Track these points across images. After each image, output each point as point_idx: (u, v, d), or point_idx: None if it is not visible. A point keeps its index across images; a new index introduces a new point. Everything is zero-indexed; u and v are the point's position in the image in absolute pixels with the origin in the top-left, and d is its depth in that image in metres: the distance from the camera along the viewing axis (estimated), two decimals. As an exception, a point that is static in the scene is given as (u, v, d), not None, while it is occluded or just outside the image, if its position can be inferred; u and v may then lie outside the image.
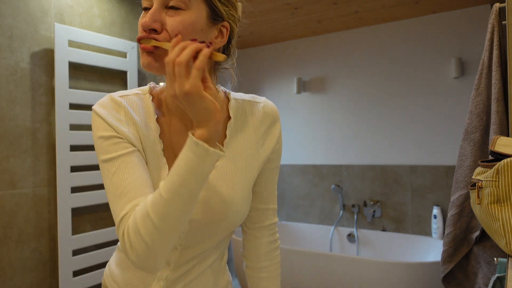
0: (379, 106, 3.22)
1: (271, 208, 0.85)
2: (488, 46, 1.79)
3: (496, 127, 1.70)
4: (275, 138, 0.81)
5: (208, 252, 0.80)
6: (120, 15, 1.98)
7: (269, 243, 0.86)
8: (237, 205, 0.74)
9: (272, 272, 0.86)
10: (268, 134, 0.80)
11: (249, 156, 0.78)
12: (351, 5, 2.72)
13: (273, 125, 0.81)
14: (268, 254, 0.87)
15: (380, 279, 2.44)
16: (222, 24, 0.71)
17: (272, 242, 0.87)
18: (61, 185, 1.67)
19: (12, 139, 1.57)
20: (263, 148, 0.79)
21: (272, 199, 0.84)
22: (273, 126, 0.81)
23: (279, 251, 0.90)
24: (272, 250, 0.87)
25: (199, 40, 0.64)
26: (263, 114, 0.80)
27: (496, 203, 0.93)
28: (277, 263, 0.88)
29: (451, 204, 1.94)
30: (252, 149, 0.78)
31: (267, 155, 0.80)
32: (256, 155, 0.78)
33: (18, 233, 1.58)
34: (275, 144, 0.81)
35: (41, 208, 1.65)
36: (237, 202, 0.74)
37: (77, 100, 1.74)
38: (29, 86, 1.62)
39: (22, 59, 1.60)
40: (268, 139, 0.80)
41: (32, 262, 1.62)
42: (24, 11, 1.61)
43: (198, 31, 0.67)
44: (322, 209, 3.48)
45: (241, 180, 0.76)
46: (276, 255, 0.89)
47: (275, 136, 0.81)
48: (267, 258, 0.86)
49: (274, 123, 0.82)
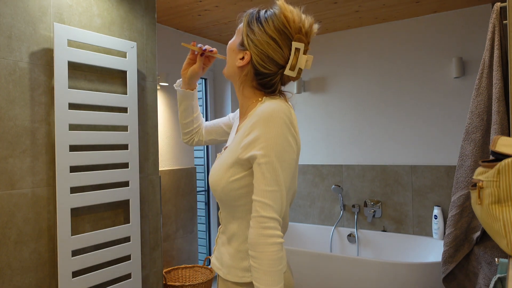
0: (379, 106, 3.21)
1: (257, 200, 0.89)
2: (489, 46, 1.79)
3: (497, 127, 1.69)
4: (247, 132, 0.93)
5: (226, 222, 1.03)
6: (119, 14, 1.97)
7: (259, 235, 0.87)
8: (212, 181, 0.99)
9: (262, 266, 0.86)
10: (246, 130, 0.94)
11: (233, 147, 0.97)
12: (351, 5, 2.71)
13: (251, 121, 0.93)
14: (257, 246, 0.87)
15: (381, 279, 2.43)
16: (246, 52, 0.99)
17: (261, 236, 0.87)
18: (60, 185, 1.66)
19: (11, 139, 1.56)
20: (242, 142, 0.94)
21: (256, 192, 0.90)
22: (250, 123, 0.93)
23: (276, 249, 0.87)
24: (261, 244, 0.87)
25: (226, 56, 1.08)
26: (254, 114, 0.94)
27: (497, 203, 0.93)
28: (265, 259, 0.86)
29: (452, 204, 1.93)
30: (237, 143, 0.97)
31: (241, 146, 0.94)
32: (236, 146, 0.96)
33: (17, 234, 1.57)
34: (243, 138, 0.94)
35: (40, 209, 1.65)
36: (213, 179, 0.99)
37: (76, 100, 1.73)
38: (28, 86, 1.62)
39: (21, 58, 1.60)
40: (245, 134, 0.94)
41: (31, 262, 1.61)
42: (23, 10, 1.60)
43: (232, 50, 1.04)
44: (322, 209, 3.47)
45: (220, 165, 0.98)
46: (269, 251, 0.86)
47: (247, 130, 0.93)
48: (257, 250, 0.87)
49: (253, 120, 0.92)
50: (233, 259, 1.01)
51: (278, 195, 0.89)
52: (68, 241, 1.69)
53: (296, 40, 0.95)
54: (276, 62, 0.97)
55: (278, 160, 0.89)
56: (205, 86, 3.81)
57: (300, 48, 0.95)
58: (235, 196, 0.96)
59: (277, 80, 0.99)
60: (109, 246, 1.89)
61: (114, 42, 1.89)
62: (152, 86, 2.15)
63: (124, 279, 1.94)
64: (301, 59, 0.95)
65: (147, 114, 2.12)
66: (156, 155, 2.17)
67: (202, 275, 2.92)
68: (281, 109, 0.92)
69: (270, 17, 0.97)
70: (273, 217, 0.88)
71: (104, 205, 1.90)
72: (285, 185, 0.91)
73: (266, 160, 0.89)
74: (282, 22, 0.95)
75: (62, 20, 1.73)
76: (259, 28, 0.97)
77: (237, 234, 1.00)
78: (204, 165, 3.79)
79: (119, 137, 1.90)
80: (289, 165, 0.91)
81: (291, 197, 1.03)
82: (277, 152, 0.89)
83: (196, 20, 2.96)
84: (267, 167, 0.88)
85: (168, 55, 3.11)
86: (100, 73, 1.89)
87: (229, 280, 1.01)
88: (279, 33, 0.95)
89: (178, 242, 3.14)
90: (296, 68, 0.96)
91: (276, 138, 0.89)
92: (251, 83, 1.02)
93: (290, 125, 0.92)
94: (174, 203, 3.12)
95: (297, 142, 0.95)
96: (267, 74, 0.98)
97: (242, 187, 0.95)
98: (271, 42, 0.95)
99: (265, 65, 0.97)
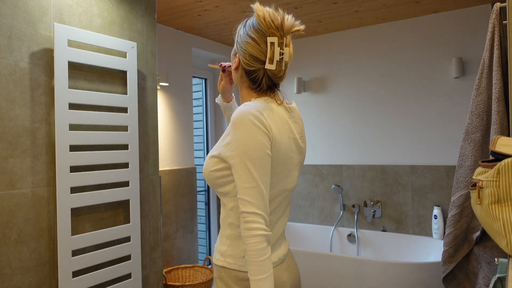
0: (379, 106, 3.21)
1: (238, 197, 0.98)
2: (489, 46, 1.79)
3: (496, 127, 1.69)
4: (226, 132, 1.05)
5: (221, 208, 1.13)
6: (119, 14, 1.97)
7: (242, 229, 0.96)
8: (203, 169, 1.11)
9: (249, 257, 0.95)
10: (226, 130, 1.06)
11: (218, 143, 1.09)
12: (351, 5, 2.71)
13: (230, 123, 1.04)
14: (244, 239, 0.96)
15: (380, 279, 2.44)
16: (237, 55, 1.12)
17: (244, 229, 0.96)
18: (60, 185, 1.67)
19: (11, 139, 1.56)
20: (223, 140, 1.05)
21: (238, 190, 0.99)
22: (229, 124, 1.05)
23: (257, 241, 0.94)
24: (245, 237, 0.95)
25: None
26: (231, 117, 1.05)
27: (496, 203, 0.93)
28: (249, 251, 0.95)
29: (452, 204, 1.93)
30: (220, 140, 1.08)
31: (223, 144, 1.04)
32: (220, 143, 1.07)
33: (17, 234, 1.57)
34: (225, 137, 1.05)
35: (40, 208, 1.65)
36: (203, 168, 1.11)
37: (76, 100, 1.73)
38: (28, 86, 1.62)
39: (21, 58, 1.60)
40: (226, 135, 1.06)
41: (31, 262, 1.62)
42: (23, 10, 1.61)
43: (231, 59, 1.17)
44: (322, 209, 3.47)
45: (208, 156, 1.10)
46: (251, 243, 0.94)
47: (227, 131, 1.05)
48: (244, 243, 0.96)
49: (230, 123, 1.04)
50: (218, 242, 1.13)
51: (255, 190, 0.96)
52: (68, 241, 1.69)
53: (270, 35, 1.04)
54: (257, 59, 1.06)
55: (248, 159, 0.97)
56: (205, 86, 3.81)
57: (274, 42, 1.03)
58: (218, 184, 1.07)
59: (261, 76, 1.08)
60: (109, 246, 1.90)
61: (114, 42, 1.89)
62: (152, 86, 2.15)
63: (124, 279, 1.94)
64: (276, 52, 1.03)
65: (147, 114, 2.12)
66: (156, 155, 2.17)
67: (202, 275, 2.92)
68: (248, 111, 1.00)
69: (251, 20, 1.09)
70: (252, 211, 0.95)
71: (104, 205, 1.90)
72: (261, 180, 0.98)
73: (237, 160, 0.98)
74: (257, 21, 1.06)
75: (62, 20, 1.74)
76: (243, 31, 1.10)
77: (223, 220, 1.12)
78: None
79: (119, 137, 1.90)
80: (261, 162, 0.98)
81: (281, 192, 1.10)
82: (247, 151, 0.97)
83: (196, 20, 2.96)
84: (240, 166, 0.98)
85: (168, 55, 3.12)
86: (100, 73, 1.89)
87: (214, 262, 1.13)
88: (257, 32, 1.05)
89: (178, 242, 3.14)
90: (274, 61, 1.04)
91: (244, 139, 0.98)
92: (246, 84, 1.13)
93: (258, 123, 0.99)
94: (174, 203, 3.12)
95: (270, 138, 1.02)
96: (253, 71, 1.08)
97: (223, 177, 1.06)
98: (249, 41, 1.06)
99: (249, 63, 1.07)
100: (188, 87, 3.30)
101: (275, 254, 1.11)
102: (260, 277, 0.94)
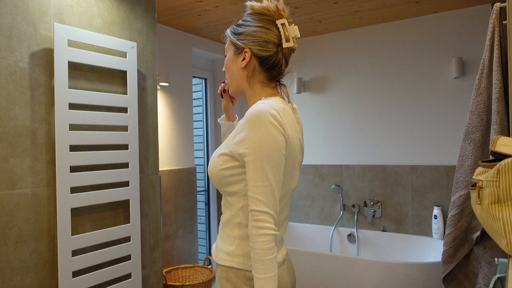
0: (379, 106, 3.21)
1: (249, 195, 0.98)
2: (489, 46, 1.79)
3: (496, 127, 1.69)
4: (239, 130, 1.02)
5: (224, 209, 1.12)
6: (119, 14, 1.97)
7: (251, 227, 0.96)
8: (209, 168, 1.09)
9: (255, 255, 0.95)
10: (238, 127, 1.04)
11: (228, 140, 1.07)
12: (351, 5, 2.71)
13: (242, 121, 1.02)
14: (251, 237, 0.96)
15: (380, 279, 2.43)
16: (245, 51, 1.09)
17: (253, 228, 0.95)
18: (60, 185, 1.67)
19: (11, 139, 1.56)
20: (235, 138, 1.03)
21: (249, 188, 0.98)
22: (242, 121, 1.03)
23: (266, 240, 0.94)
24: (253, 235, 0.95)
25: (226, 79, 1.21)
26: (246, 114, 1.02)
27: (496, 203, 0.93)
28: (257, 249, 0.95)
29: (452, 204, 1.93)
30: (231, 137, 1.05)
31: (234, 142, 1.02)
32: (230, 141, 1.05)
33: (17, 234, 1.57)
34: (236, 134, 1.03)
35: (40, 208, 1.65)
36: (209, 166, 1.09)
37: (76, 100, 1.73)
38: (28, 86, 1.62)
39: (21, 58, 1.60)
40: (238, 132, 1.03)
41: (31, 262, 1.62)
42: (23, 10, 1.61)
43: (230, 63, 1.14)
44: (322, 209, 3.47)
45: (215, 153, 1.08)
46: (260, 241, 0.94)
47: (239, 128, 1.03)
48: (252, 241, 0.96)
49: (243, 120, 1.02)
50: (222, 242, 1.10)
51: (268, 189, 0.96)
52: (68, 241, 1.69)
53: (278, 18, 1.08)
54: (272, 42, 1.08)
55: (265, 157, 0.96)
56: (204, 86, 3.81)
57: (284, 23, 1.07)
58: (226, 183, 1.06)
59: (280, 58, 1.09)
60: (109, 246, 1.90)
61: (114, 42, 1.89)
62: (152, 86, 2.15)
63: (124, 279, 1.94)
64: (290, 29, 1.08)
65: (147, 114, 2.12)
66: (156, 155, 2.17)
67: (202, 275, 2.92)
68: (266, 109, 0.99)
69: (247, 15, 1.12)
70: (263, 210, 0.95)
71: (104, 205, 1.90)
72: (274, 179, 0.98)
73: (252, 158, 0.97)
74: (259, 12, 1.09)
75: (62, 20, 1.74)
76: (244, 28, 1.10)
77: (229, 220, 1.09)
78: (204, 165, 3.79)
79: (119, 137, 1.90)
80: (277, 161, 0.98)
81: (288, 191, 1.10)
82: (263, 150, 0.96)
83: (196, 20, 2.96)
84: (254, 164, 0.97)
85: (168, 55, 3.12)
86: (100, 73, 1.89)
87: (217, 262, 1.11)
88: (263, 21, 1.08)
89: (178, 242, 3.14)
90: (291, 38, 1.07)
91: (261, 136, 0.97)
92: (259, 77, 1.11)
93: (276, 122, 0.99)
94: (174, 203, 3.12)
95: (286, 138, 1.01)
96: (270, 56, 1.08)
97: (233, 175, 1.04)
98: (260, 29, 1.08)
99: (265, 48, 1.08)
100: (188, 87, 3.30)
101: (280, 254, 1.11)
102: (265, 276, 0.94)
